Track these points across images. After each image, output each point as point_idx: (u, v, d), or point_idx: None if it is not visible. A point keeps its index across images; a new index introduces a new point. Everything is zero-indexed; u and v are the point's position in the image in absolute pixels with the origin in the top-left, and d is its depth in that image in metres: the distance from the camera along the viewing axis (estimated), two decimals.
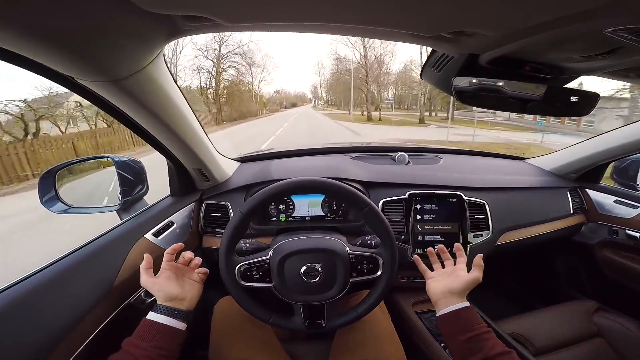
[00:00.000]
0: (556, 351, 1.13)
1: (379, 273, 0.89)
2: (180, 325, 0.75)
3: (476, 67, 0.63)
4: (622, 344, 1.17)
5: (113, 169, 1.05)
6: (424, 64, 0.75)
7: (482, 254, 0.91)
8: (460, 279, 0.86)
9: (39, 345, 0.63)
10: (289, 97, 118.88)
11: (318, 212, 1.25)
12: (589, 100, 0.64)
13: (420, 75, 0.80)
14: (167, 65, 0.70)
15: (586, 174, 1.50)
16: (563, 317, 1.26)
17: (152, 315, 0.73)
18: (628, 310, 1.30)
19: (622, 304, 1.36)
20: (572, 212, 1.46)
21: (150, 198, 1.15)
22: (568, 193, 1.48)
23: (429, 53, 0.70)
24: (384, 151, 1.62)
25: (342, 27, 0.50)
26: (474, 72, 0.62)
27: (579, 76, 0.68)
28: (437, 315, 0.84)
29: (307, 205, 1.24)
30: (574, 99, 0.63)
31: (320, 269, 0.86)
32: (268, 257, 0.88)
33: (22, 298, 0.65)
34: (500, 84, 0.62)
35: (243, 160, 1.49)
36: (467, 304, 0.82)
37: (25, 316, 0.64)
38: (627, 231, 1.37)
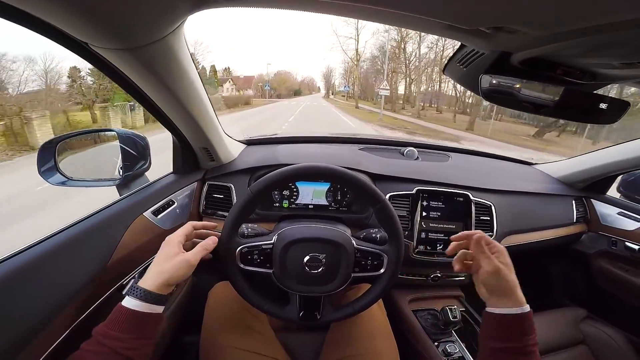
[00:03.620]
0: (541, 356, 1.14)
1: (382, 271, 0.88)
2: (161, 309, 0.65)
3: (506, 66, 0.60)
4: (605, 353, 1.19)
5: (117, 143, 1.02)
6: (449, 59, 0.72)
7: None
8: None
9: (28, 324, 0.60)
10: (289, 80, 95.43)
11: (322, 201, 1.23)
12: (618, 108, 0.61)
13: (443, 70, 0.78)
14: (185, 39, 0.66)
15: (593, 184, 1.50)
16: (551, 323, 1.27)
17: (130, 303, 0.60)
18: (616, 320, 1.33)
19: (611, 314, 1.39)
20: (574, 220, 1.46)
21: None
22: (573, 202, 1.48)
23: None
24: (392, 145, 1.61)
25: (377, 11, 0.46)
26: (503, 71, 0.60)
27: (611, 83, 0.65)
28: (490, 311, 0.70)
29: (312, 193, 1.23)
30: (603, 106, 0.60)
31: (323, 260, 0.84)
32: (272, 241, 0.86)
33: (13, 274, 0.61)
34: (530, 85, 0.59)
35: (249, 142, 1.46)
36: (527, 308, 0.69)
37: (15, 293, 0.60)
38: (626, 243, 1.37)
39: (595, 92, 0.66)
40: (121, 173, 1.03)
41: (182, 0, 0.49)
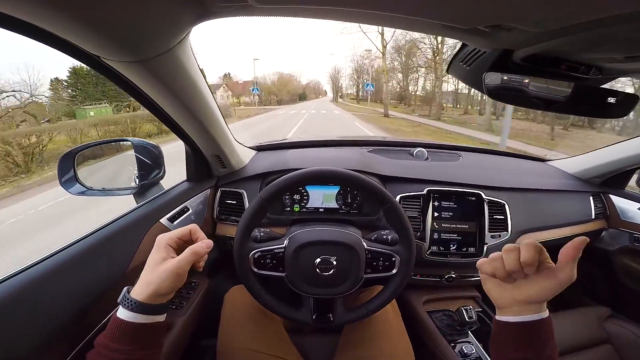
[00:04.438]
0: (565, 356, 1.12)
1: (394, 271, 0.88)
2: (161, 317, 0.60)
3: (509, 64, 0.60)
4: (631, 351, 1.16)
5: (131, 152, 1.06)
6: (452, 58, 0.72)
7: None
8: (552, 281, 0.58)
9: (54, 328, 0.63)
10: (291, 84, 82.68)
11: (332, 204, 1.24)
12: (627, 102, 0.60)
13: (447, 69, 0.78)
14: (192, 49, 0.69)
15: (611, 179, 1.46)
16: (574, 323, 1.25)
17: (124, 314, 0.55)
18: None
19: (636, 312, 1.33)
20: (593, 217, 1.42)
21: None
22: (591, 198, 1.45)
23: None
24: (401, 146, 1.60)
25: (376, 15, 0.47)
26: (506, 68, 0.60)
27: (617, 77, 0.64)
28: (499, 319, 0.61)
29: (322, 197, 1.23)
30: (611, 100, 0.60)
31: (334, 262, 0.85)
32: (283, 245, 0.88)
33: (36, 282, 0.64)
34: (535, 82, 0.59)
35: (259, 148, 1.48)
36: (546, 313, 0.58)
37: (40, 300, 0.63)
38: None
39: (602, 86, 0.65)
40: (137, 182, 1.06)
41: (187, 13, 0.51)
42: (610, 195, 1.48)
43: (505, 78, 0.59)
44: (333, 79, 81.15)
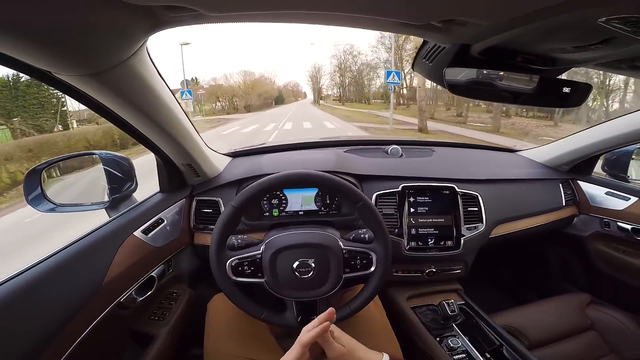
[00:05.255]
0: (550, 345, 1.14)
1: (372, 269, 0.89)
2: None
3: (468, 58, 0.62)
4: (615, 337, 1.19)
5: (101, 166, 1.03)
6: (416, 55, 0.73)
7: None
8: None
9: (28, 346, 0.63)
10: (262, 85, 68.53)
11: (311, 206, 1.24)
12: (581, 91, 0.63)
13: (412, 66, 0.79)
14: (151, 58, 0.68)
15: (578, 166, 1.51)
16: (557, 310, 1.27)
17: None
18: (621, 303, 1.33)
19: (614, 297, 1.38)
20: (564, 204, 1.46)
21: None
22: (560, 185, 1.49)
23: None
24: (376, 144, 1.62)
25: (330, 16, 0.48)
26: (466, 62, 0.61)
27: (571, 67, 0.67)
28: None
29: (301, 200, 1.23)
30: (566, 90, 0.62)
31: (313, 264, 0.86)
32: (260, 251, 0.88)
33: (8, 298, 0.63)
34: (493, 75, 0.61)
35: (234, 155, 1.47)
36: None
37: (12, 317, 0.62)
38: (618, 223, 1.38)
39: (557, 77, 0.68)
40: (108, 196, 1.04)
41: (138, 25, 0.50)
42: (579, 182, 1.53)
43: (464, 72, 0.60)
44: (313, 78, 71.48)
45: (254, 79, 67.47)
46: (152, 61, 0.69)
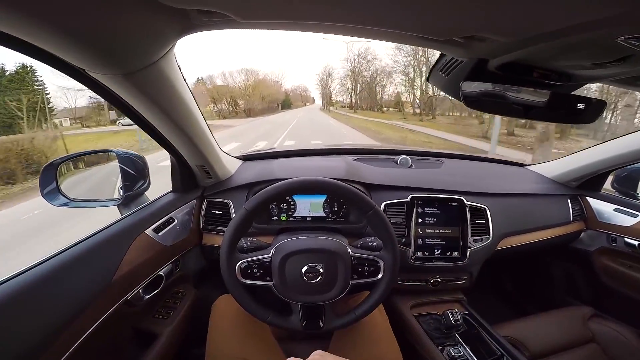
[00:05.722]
0: (551, 356, 1.14)
1: (379, 276, 0.90)
2: None
3: (485, 72, 0.63)
4: (616, 350, 1.18)
5: (116, 163, 1.05)
6: (432, 67, 0.75)
7: None
8: None
9: (36, 340, 0.63)
10: (266, 87, 61.90)
11: (319, 212, 1.25)
12: (595, 108, 0.64)
13: (427, 78, 0.80)
14: (177, 61, 0.70)
15: (587, 182, 1.51)
16: (559, 323, 1.27)
17: None
18: (623, 317, 1.32)
19: (617, 311, 1.38)
20: (571, 219, 1.46)
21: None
22: (569, 200, 1.49)
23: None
24: (386, 154, 1.63)
25: (356, 29, 0.50)
26: (482, 77, 0.62)
27: (587, 83, 0.68)
28: None
29: (309, 206, 1.24)
30: (580, 106, 0.63)
31: (321, 270, 0.87)
32: (270, 255, 0.89)
33: (20, 292, 0.64)
34: (508, 89, 0.62)
35: (246, 158, 1.48)
36: None
37: (22, 311, 0.63)
38: (625, 239, 1.37)
39: (571, 93, 0.68)
40: (122, 193, 1.05)
41: (171, 26, 0.52)
42: (587, 198, 1.53)
43: (480, 86, 0.61)
44: (323, 82, 65.52)
45: (257, 80, 60.50)
46: (178, 65, 0.71)
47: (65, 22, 0.42)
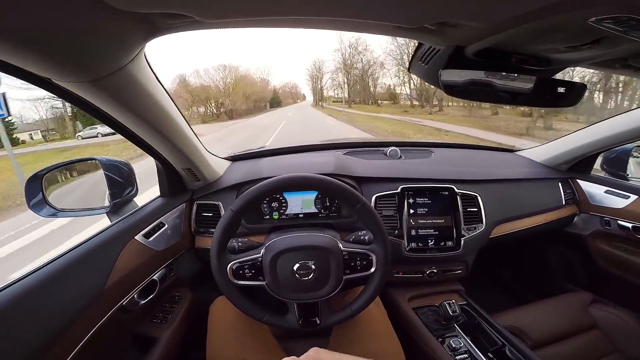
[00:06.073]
0: (553, 344, 1.14)
1: (372, 270, 0.90)
2: None
3: (463, 60, 0.62)
4: (619, 335, 1.18)
5: (102, 171, 1.04)
6: (412, 57, 0.74)
7: None
8: None
9: (30, 350, 0.63)
10: (250, 85, 56.79)
11: (311, 209, 1.24)
12: (576, 91, 0.64)
13: (408, 69, 0.80)
14: (149, 64, 0.69)
15: (577, 165, 1.51)
16: (559, 310, 1.27)
17: None
18: (623, 301, 1.32)
19: (616, 295, 1.38)
20: (564, 203, 1.46)
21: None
22: (560, 184, 1.49)
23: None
24: (375, 146, 1.62)
25: (325, 21, 0.49)
26: (461, 64, 0.62)
27: (565, 67, 0.67)
28: None
29: (300, 203, 1.24)
30: (561, 89, 0.63)
31: (313, 267, 0.86)
32: (260, 255, 0.88)
33: (11, 302, 0.64)
34: (487, 76, 0.61)
35: (234, 159, 1.48)
36: None
37: (14, 321, 0.63)
38: (618, 221, 1.38)
39: (552, 77, 0.68)
40: (109, 200, 1.05)
41: (135, 31, 0.51)
42: (578, 180, 1.53)
43: (460, 74, 0.61)
44: (314, 77, 61.17)
45: (237, 76, 54.13)
46: (150, 67, 0.70)
47: (23, 32, 0.41)
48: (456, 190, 1.24)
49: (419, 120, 20.31)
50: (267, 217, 1.23)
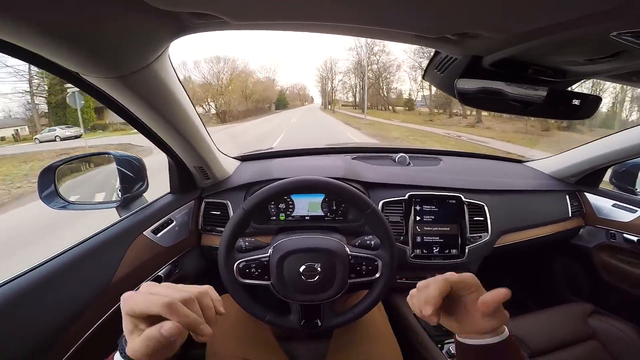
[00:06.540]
0: (552, 353, 1.14)
1: (377, 275, 0.90)
2: None
3: (479, 69, 0.63)
4: (617, 347, 1.17)
5: (114, 165, 1.05)
6: (427, 65, 0.75)
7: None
8: None
9: (35, 343, 0.64)
10: (256, 83, 50.95)
11: (318, 212, 1.25)
12: (591, 104, 0.64)
13: (423, 77, 0.80)
14: (171, 63, 0.70)
15: (585, 178, 1.50)
16: (559, 320, 1.26)
17: None
18: (623, 313, 1.31)
19: (617, 307, 1.37)
20: (570, 215, 1.46)
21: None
22: (567, 196, 1.49)
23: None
24: (384, 152, 1.63)
25: (348, 27, 0.50)
26: (477, 74, 0.62)
27: (582, 79, 0.68)
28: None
29: (307, 205, 1.24)
30: (576, 102, 0.63)
31: (319, 269, 0.87)
32: (268, 254, 0.89)
33: (17, 296, 0.65)
34: (503, 86, 0.62)
35: (243, 159, 1.49)
36: (505, 335, 0.53)
37: (21, 314, 0.64)
38: (624, 235, 1.37)
39: (567, 89, 0.68)
40: (120, 195, 1.06)
41: (163, 29, 0.52)
42: (586, 193, 1.52)
43: (475, 83, 0.61)
44: (323, 79, 55.87)
45: (235, 73, 45.92)
46: (172, 66, 0.71)
47: (57, 27, 0.42)
48: (463, 199, 1.24)
49: (459, 133, 17.55)
50: (274, 218, 1.24)
